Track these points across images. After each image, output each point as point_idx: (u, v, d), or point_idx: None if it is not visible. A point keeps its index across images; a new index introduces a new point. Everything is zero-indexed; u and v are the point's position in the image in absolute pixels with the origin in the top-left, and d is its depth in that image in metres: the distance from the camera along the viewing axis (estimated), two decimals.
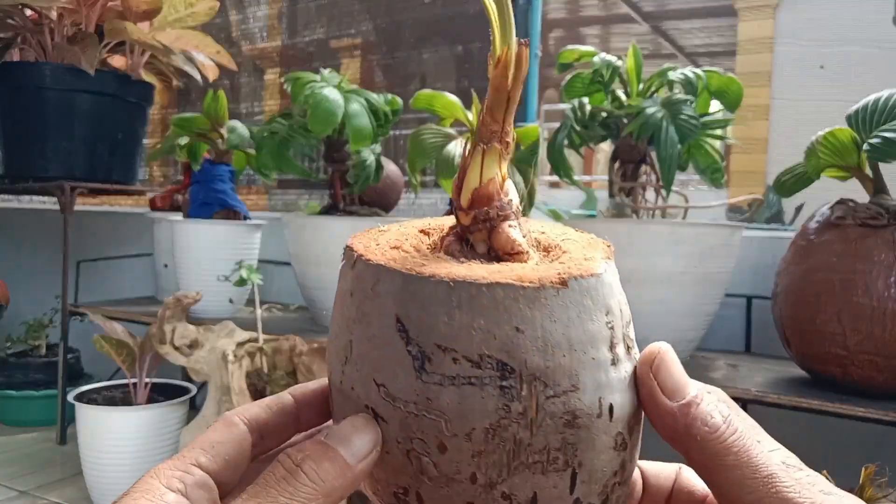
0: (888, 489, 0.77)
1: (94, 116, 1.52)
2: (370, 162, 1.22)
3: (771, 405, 0.84)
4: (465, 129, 1.12)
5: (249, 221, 1.41)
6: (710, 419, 0.23)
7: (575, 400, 0.23)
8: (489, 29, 0.26)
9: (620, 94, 1.02)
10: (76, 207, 1.49)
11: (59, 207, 1.48)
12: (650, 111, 0.94)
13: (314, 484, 0.22)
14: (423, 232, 0.29)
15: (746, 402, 0.87)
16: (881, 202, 0.84)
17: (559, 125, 1.04)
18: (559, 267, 0.25)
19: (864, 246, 0.81)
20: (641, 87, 1.02)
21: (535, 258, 0.27)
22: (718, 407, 0.24)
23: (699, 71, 0.98)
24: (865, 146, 0.81)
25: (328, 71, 1.19)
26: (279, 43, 2.21)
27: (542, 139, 1.12)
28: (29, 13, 1.48)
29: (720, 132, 1.02)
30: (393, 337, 0.24)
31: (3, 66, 1.49)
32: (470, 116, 1.10)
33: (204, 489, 0.23)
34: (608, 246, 0.27)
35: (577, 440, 0.23)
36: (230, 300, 1.35)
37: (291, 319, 1.41)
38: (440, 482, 0.23)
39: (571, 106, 1.03)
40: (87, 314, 1.40)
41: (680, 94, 0.97)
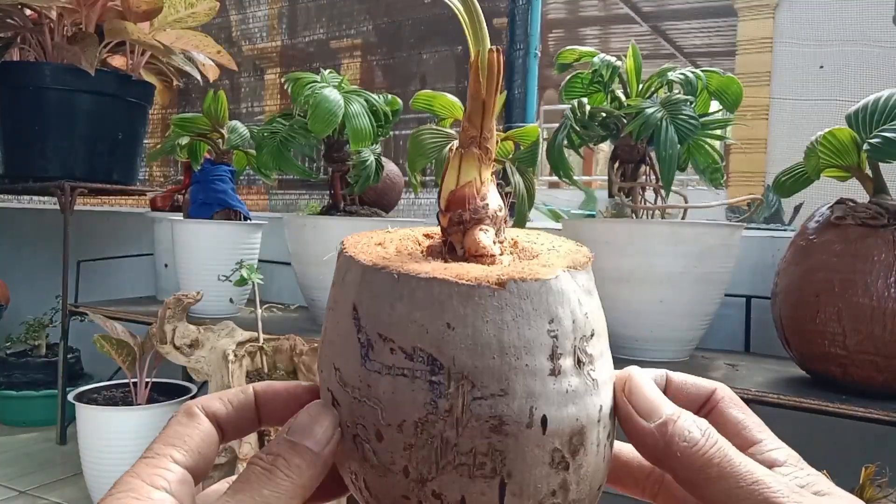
0: (888, 489, 0.77)
1: (94, 116, 1.52)
2: (370, 162, 1.22)
3: (771, 405, 0.84)
4: None
5: (249, 221, 1.41)
6: (688, 434, 0.24)
7: (503, 405, 0.23)
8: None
9: (620, 94, 1.02)
10: (76, 207, 1.49)
11: (59, 207, 1.48)
12: (650, 111, 0.94)
13: (290, 479, 0.23)
14: (426, 235, 0.29)
15: (746, 402, 0.87)
16: (881, 202, 0.84)
17: (559, 125, 1.04)
18: (504, 269, 0.24)
19: (864, 246, 0.81)
20: (641, 87, 1.02)
21: (505, 262, 0.26)
22: (696, 422, 0.24)
23: (699, 71, 0.99)
24: (865, 146, 0.82)
25: (328, 71, 1.19)
26: (279, 43, 2.21)
27: (541, 139, 1.12)
28: (29, 13, 1.48)
29: (719, 132, 1.02)
30: (349, 324, 0.25)
31: (3, 66, 1.49)
32: None
33: (185, 485, 0.24)
34: (587, 257, 0.26)
35: (504, 448, 0.23)
36: (230, 300, 1.35)
37: (291, 319, 1.41)
38: (379, 471, 0.24)
39: (571, 106, 1.03)
40: (87, 314, 1.40)
41: (679, 94, 0.97)
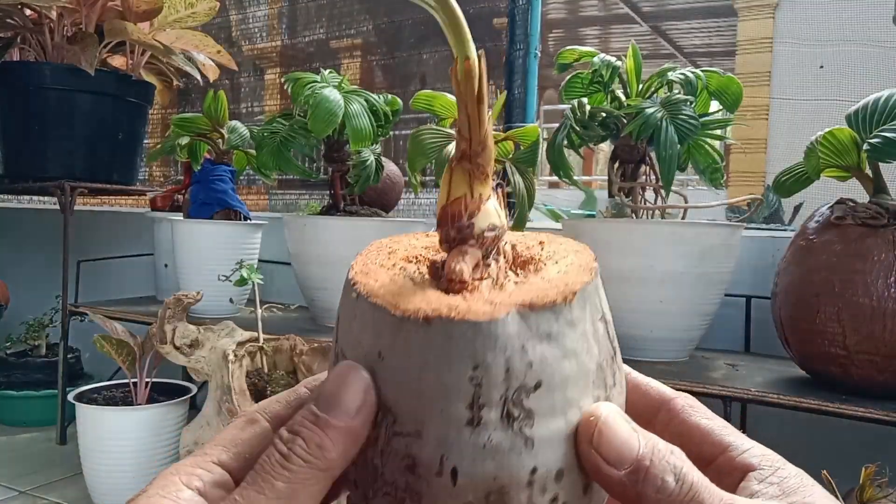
0: (888, 489, 0.77)
1: (94, 116, 1.52)
2: (370, 162, 1.22)
3: (771, 405, 0.84)
4: None
5: (249, 221, 1.41)
6: (660, 483, 0.22)
7: (416, 447, 0.22)
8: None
9: (620, 94, 1.02)
10: (76, 207, 1.49)
11: (59, 207, 1.48)
12: (650, 111, 0.94)
13: (310, 465, 0.22)
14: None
15: (746, 402, 0.87)
16: (881, 202, 0.84)
17: (559, 125, 1.04)
18: (442, 303, 0.23)
19: (863, 246, 0.81)
20: (641, 87, 1.02)
21: (483, 287, 0.25)
22: (670, 463, 0.22)
23: (699, 71, 0.99)
24: (865, 146, 0.82)
25: (328, 71, 1.19)
26: (279, 43, 2.21)
27: (541, 139, 1.12)
28: (29, 13, 1.48)
29: (719, 132, 1.03)
30: (334, 335, 0.26)
31: (3, 65, 1.49)
32: None
33: (223, 487, 0.23)
34: (572, 292, 0.23)
35: (419, 490, 0.22)
36: (230, 300, 1.35)
37: (291, 319, 1.41)
38: (341, 479, 0.24)
39: (571, 106, 1.03)
40: (87, 314, 1.40)
41: (679, 94, 0.98)
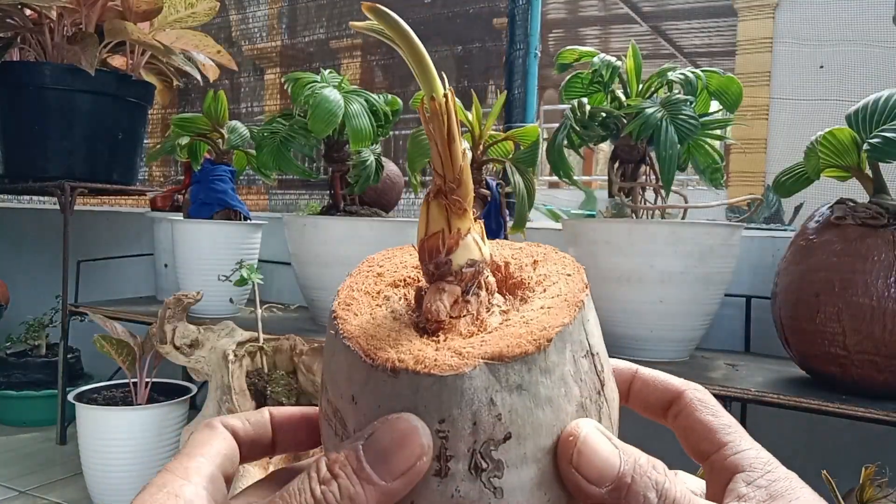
0: (888, 489, 0.77)
1: (94, 116, 1.52)
2: (370, 162, 1.22)
3: (771, 405, 0.84)
4: (465, 129, 1.12)
5: (249, 221, 1.41)
6: (642, 500, 0.22)
7: None
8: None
9: (620, 94, 1.02)
10: (76, 207, 1.49)
11: (59, 207, 1.48)
12: (649, 111, 0.94)
13: None
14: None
15: (746, 401, 0.87)
16: (881, 202, 0.84)
17: (559, 125, 1.04)
18: (411, 352, 0.23)
19: (863, 246, 0.81)
20: (641, 87, 1.02)
21: (461, 325, 0.25)
22: (652, 478, 0.22)
23: (699, 71, 0.99)
24: (865, 146, 0.82)
25: (328, 71, 1.19)
26: (279, 43, 2.21)
27: (541, 139, 1.12)
28: (29, 13, 1.48)
29: (719, 132, 1.03)
30: (324, 358, 0.27)
31: (3, 65, 1.49)
32: (470, 117, 1.10)
33: (216, 482, 0.24)
34: (553, 330, 0.23)
35: None
36: (230, 300, 1.35)
37: (291, 319, 1.41)
38: None
39: (571, 106, 1.03)
40: (87, 314, 1.40)
41: (679, 94, 0.98)
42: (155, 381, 1.30)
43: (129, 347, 1.23)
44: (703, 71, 0.99)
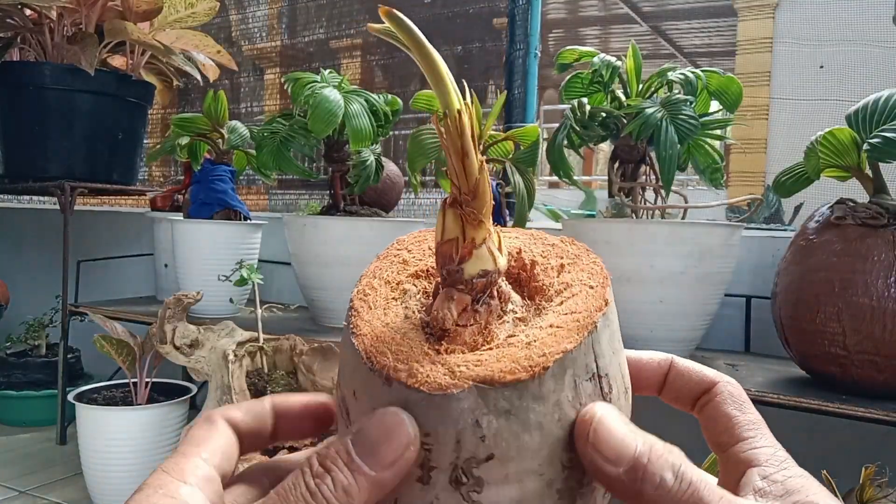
0: (888, 489, 0.77)
1: (94, 116, 1.52)
2: (370, 162, 1.22)
3: (771, 405, 0.84)
4: None
5: (249, 221, 1.41)
6: (658, 480, 0.22)
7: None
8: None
9: (620, 94, 1.02)
10: (76, 207, 1.49)
11: (59, 207, 1.48)
12: (650, 111, 0.94)
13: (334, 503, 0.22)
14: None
15: None
16: (881, 202, 0.84)
17: (559, 125, 1.04)
18: (408, 362, 0.23)
19: (863, 246, 0.81)
20: (641, 87, 1.02)
21: (466, 337, 0.25)
22: (669, 460, 0.23)
23: (699, 71, 0.99)
24: (865, 146, 0.82)
25: (328, 71, 1.19)
26: (279, 43, 2.21)
27: (541, 139, 1.12)
28: (29, 13, 1.48)
29: (719, 132, 1.03)
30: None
31: (3, 65, 1.49)
32: None
33: (213, 482, 0.24)
34: (562, 351, 0.23)
35: None
36: (230, 300, 1.35)
37: (291, 319, 1.41)
38: None
39: (571, 106, 1.03)
40: (87, 314, 1.40)
41: (679, 94, 0.98)
42: (155, 381, 1.30)
43: (129, 347, 1.23)
44: (703, 71, 0.99)
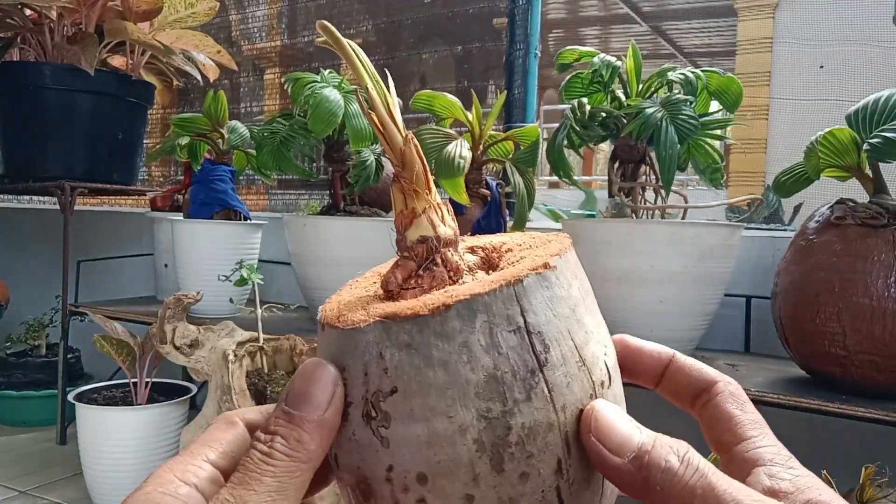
0: (888, 489, 0.77)
1: (94, 116, 1.52)
2: (370, 162, 1.22)
3: (771, 405, 0.84)
4: (465, 129, 1.12)
5: (249, 221, 1.41)
6: (664, 464, 0.22)
7: None
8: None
9: (620, 94, 1.02)
10: (76, 207, 1.49)
11: (59, 207, 1.48)
12: (650, 111, 0.94)
13: (292, 458, 0.23)
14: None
15: None
16: (881, 202, 0.84)
17: (559, 125, 1.04)
18: (339, 310, 0.26)
19: (863, 246, 0.81)
20: (641, 87, 1.02)
21: (407, 299, 0.27)
22: (673, 447, 0.23)
23: (699, 71, 0.99)
24: (865, 146, 0.82)
25: (328, 71, 1.19)
26: (279, 43, 2.21)
27: (541, 139, 1.12)
28: (29, 13, 1.48)
29: (719, 132, 1.03)
30: None
31: (3, 66, 1.49)
32: (470, 117, 1.10)
33: (215, 483, 0.24)
34: (464, 295, 0.24)
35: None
36: (230, 300, 1.35)
37: (291, 319, 1.41)
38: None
39: (571, 106, 1.03)
40: (87, 314, 1.40)
41: (679, 94, 0.97)
42: (155, 381, 1.30)
43: (129, 347, 1.23)
44: (703, 71, 0.99)
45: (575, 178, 1.08)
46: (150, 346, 1.21)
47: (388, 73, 0.28)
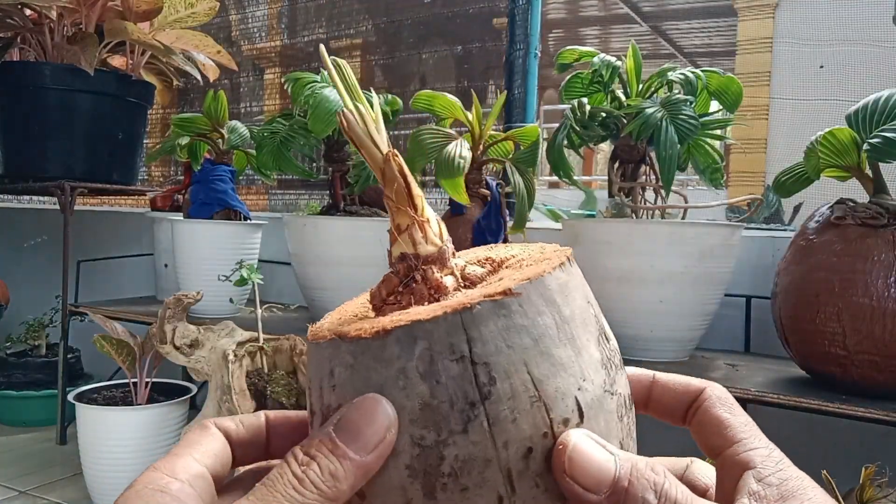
0: (888, 489, 0.77)
1: (94, 116, 1.52)
2: None
3: (771, 405, 0.84)
4: (464, 129, 1.12)
5: (249, 221, 1.41)
6: (641, 503, 0.22)
7: None
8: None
9: (620, 94, 1.02)
10: (76, 207, 1.49)
11: (59, 207, 1.48)
12: (650, 111, 0.94)
13: (322, 491, 0.22)
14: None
15: (746, 402, 0.87)
16: (881, 202, 0.84)
17: (559, 125, 1.04)
18: (322, 327, 0.27)
19: (863, 246, 0.81)
20: (641, 87, 1.02)
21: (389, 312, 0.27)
22: (650, 480, 0.22)
23: (699, 71, 0.99)
24: (865, 146, 0.82)
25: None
26: (279, 43, 2.21)
27: (541, 139, 1.12)
28: (29, 13, 1.48)
29: (719, 132, 1.03)
30: None
31: (3, 66, 1.48)
32: (470, 117, 1.10)
33: (204, 480, 0.24)
34: (430, 315, 0.23)
35: None
36: (230, 300, 1.35)
37: (291, 319, 1.41)
38: None
39: (571, 106, 1.03)
40: (87, 314, 1.40)
41: (679, 94, 0.97)
42: (155, 381, 1.30)
43: (129, 347, 1.23)
44: (703, 71, 0.99)
45: (575, 178, 1.08)
46: (150, 346, 1.21)
47: (372, 90, 0.29)
